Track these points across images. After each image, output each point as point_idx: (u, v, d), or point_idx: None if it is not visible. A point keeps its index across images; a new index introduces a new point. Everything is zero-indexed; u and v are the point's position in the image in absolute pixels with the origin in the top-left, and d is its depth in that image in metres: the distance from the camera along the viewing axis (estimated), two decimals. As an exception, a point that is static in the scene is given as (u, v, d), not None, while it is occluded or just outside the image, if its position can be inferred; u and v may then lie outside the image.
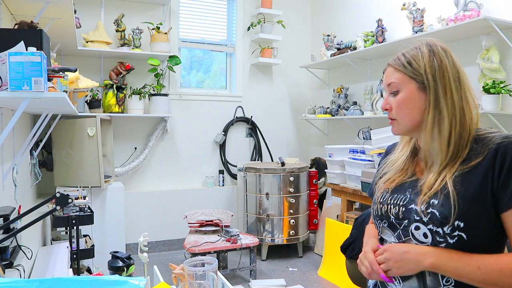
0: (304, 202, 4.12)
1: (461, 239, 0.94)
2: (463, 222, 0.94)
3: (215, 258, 1.18)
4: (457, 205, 0.94)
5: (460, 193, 0.95)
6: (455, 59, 1.04)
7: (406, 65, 1.05)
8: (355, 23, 4.26)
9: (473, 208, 0.94)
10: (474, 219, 0.94)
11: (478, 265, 0.92)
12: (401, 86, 1.06)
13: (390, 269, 1.01)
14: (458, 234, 0.94)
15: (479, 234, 0.95)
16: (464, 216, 0.94)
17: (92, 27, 3.93)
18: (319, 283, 3.45)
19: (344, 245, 2.26)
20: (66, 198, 1.56)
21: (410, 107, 1.05)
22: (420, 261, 0.97)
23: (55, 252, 2.34)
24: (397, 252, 1.01)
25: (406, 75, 1.05)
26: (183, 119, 4.49)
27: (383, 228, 1.11)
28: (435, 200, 0.98)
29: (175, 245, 4.35)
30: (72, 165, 3.48)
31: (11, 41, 1.68)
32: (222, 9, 4.71)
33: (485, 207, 0.94)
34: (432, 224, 0.97)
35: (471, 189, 0.95)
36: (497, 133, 1.00)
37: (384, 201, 1.10)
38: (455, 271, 0.93)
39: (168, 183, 4.44)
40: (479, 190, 0.95)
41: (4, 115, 2.19)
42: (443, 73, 1.02)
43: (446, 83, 1.02)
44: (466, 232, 0.94)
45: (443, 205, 0.96)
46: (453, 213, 0.94)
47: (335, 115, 4.22)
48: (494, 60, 2.72)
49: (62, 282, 0.89)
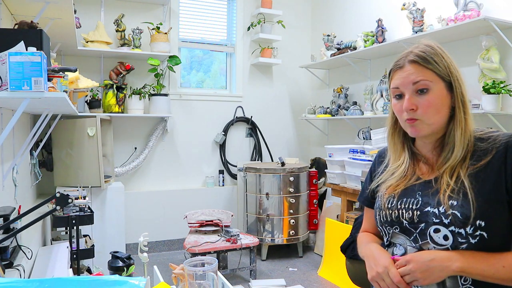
0: (304, 202, 4.11)
1: (483, 239, 0.95)
2: (484, 221, 0.94)
3: (215, 258, 1.18)
4: (475, 204, 0.95)
5: (476, 191, 0.96)
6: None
7: (434, 63, 1.02)
8: (355, 23, 4.26)
9: (491, 207, 0.95)
10: (493, 217, 0.95)
11: (503, 264, 0.93)
12: (432, 85, 1.02)
13: (417, 280, 0.97)
14: (480, 234, 0.95)
15: (499, 232, 0.96)
16: (484, 214, 0.95)
17: (92, 27, 3.93)
18: (319, 283, 3.45)
19: (344, 245, 2.27)
20: (66, 198, 1.56)
21: (440, 107, 1.02)
22: (447, 266, 0.95)
23: (55, 252, 2.34)
24: (423, 261, 0.97)
25: (435, 73, 1.02)
26: (183, 119, 4.49)
27: (394, 234, 1.09)
28: (453, 201, 0.98)
29: (175, 245, 4.36)
30: (72, 165, 3.48)
31: (11, 41, 1.68)
32: (222, 9, 4.71)
33: (501, 205, 0.95)
34: (454, 226, 0.96)
35: (487, 188, 0.96)
36: (499, 133, 1.02)
37: (393, 206, 1.08)
38: (481, 272, 0.94)
39: (168, 183, 4.44)
40: (494, 188, 0.96)
41: (4, 115, 2.19)
42: (457, 74, 1.04)
43: (461, 83, 1.04)
44: (487, 231, 0.95)
45: (463, 205, 0.96)
46: (473, 212, 0.94)
47: (335, 115, 4.22)
48: (494, 60, 2.72)
49: (62, 282, 0.89)
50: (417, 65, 1.02)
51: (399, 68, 1.06)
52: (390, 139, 1.18)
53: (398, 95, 1.07)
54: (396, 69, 1.08)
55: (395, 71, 1.08)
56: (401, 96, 1.06)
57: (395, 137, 1.16)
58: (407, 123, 1.05)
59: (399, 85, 1.05)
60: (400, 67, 1.06)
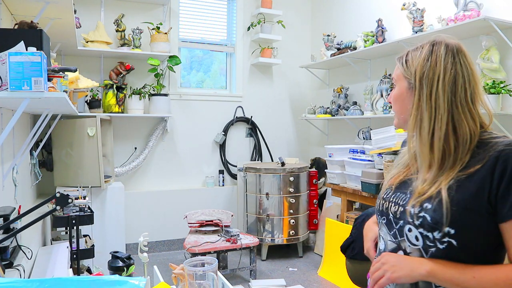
0: (304, 202, 4.11)
1: (451, 245, 0.93)
2: (454, 229, 0.92)
3: (215, 258, 1.18)
4: (449, 212, 0.92)
5: (455, 200, 0.93)
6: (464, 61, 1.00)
7: (403, 64, 1.06)
8: (355, 23, 4.26)
9: (466, 216, 0.92)
10: (466, 226, 0.92)
11: (474, 275, 0.90)
12: (397, 83, 1.08)
13: (384, 275, 0.98)
14: (448, 240, 0.93)
15: (471, 242, 0.93)
16: (456, 223, 0.92)
17: (92, 27, 3.93)
18: (319, 283, 3.45)
19: (344, 245, 2.26)
20: (66, 198, 1.56)
21: (400, 104, 1.07)
22: (416, 267, 0.95)
23: (55, 252, 2.34)
24: (394, 256, 1.01)
25: (401, 73, 1.06)
26: (183, 119, 4.49)
27: (381, 225, 1.11)
28: (428, 204, 0.96)
29: (175, 245, 4.35)
30: (72, 165, 3.48)
31: (11, 41, 1.68)
32: (222, 9, 4.71)
33: (479, 216, 0.92)
34: (422, 228, 0.96)
35: (466, 196, 0.93)
36: (501, 139, 0.95)
37: (387, 197, 1.10)
38: (451, 279, 0.92)
39: (168, 183, 4.44)
40: (474, 198, 0.92)
41: (4, 115, 2.19)
42: (432, 76, 0.98)
43: (433, 85, 0.98)
44: (456, 239, 0.93)
45: (435, 210, 0.95)
46: (445, 220, 0.92)
47: (335, 115, 4.22)
48: (494, 60, 2.72)
49: (62, 282, 0.89)
50: (397, 63, 1.10)
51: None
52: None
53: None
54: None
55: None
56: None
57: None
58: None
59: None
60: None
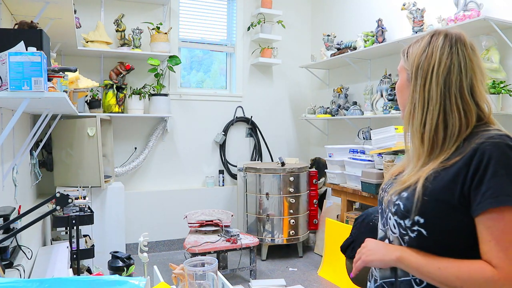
0: (304, 202, 4.11)
1: (421, 235, 0.94)
2: (424, 219, 0.93)
3: (215, 258, 1.18)
4: (420, 201, 0.93)
5: (428, 189, 0.93)
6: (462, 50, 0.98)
7: (404, 55, 1.06)
8: (355, 23, 4.26)
9: (437, 207, 0.92)
10: (436, 217, 0.92)
11: (439, 266, 0.90)
12: (399, 73, 1.09)
13: (361, 257, 1.04)
14: (417, 229, 0.94)
15: (442, 233, 0.92)
16: (425, 212, 0.93)
17: (92, 27, 3.93)
18: (319, 283, 3.45)
19: (344, 245, 2.26)
20: (66, 198, 1.56)
21: (401, 96, 1.08)
22: (389, 252, 0.98)
23: (55, 252, 2.34)
24: (374, 241, 1.06)
25: (402, 65, 1.07)
26: (183, 119, 4.49)
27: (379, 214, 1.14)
28: (405, 192, 0.98)
29: (175, 245, 4.36)
30: (72, 165, 3.48)
31: (11, 41, 1.68)
32: (222, 9, 4.71)
33: (450, 207, 0.91)
34: (396, 216, 0.99)
35: (439, 187, 0.92)
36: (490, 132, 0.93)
37: (385, 188, 1.12)
38: (417, 267, 0.93)
39: (168, 183, 4.44)
40: (447, 190, 0.91)
41: (4, 115, 2.19)
42: (427, 67, 0.98)
43: (427, 77, 0.98)
44: (426, 229, 0.93)
45: (408, 198, 0.96)
46: (414, 208, 0.93)
47: (335, 115, 4.22)
48: (494, 60, 2.72)
49: (62, 282, 0.89)
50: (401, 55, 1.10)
51: None
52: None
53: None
54: None
55: None
56: None
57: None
58: None
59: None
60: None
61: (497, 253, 0.85)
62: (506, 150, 0.88)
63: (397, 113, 3.35)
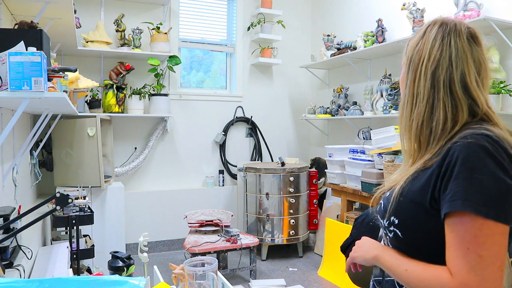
0: (304, 202, 4.11)
1: (397, 236, 0.93)
2: (398, 219, 0.92)
3: (215, 258, 1.18)
4: (395, 201, 0.92)
5: (405, 190, 0.92)
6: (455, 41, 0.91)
7: (406, 47, 1.02)
8: (355, 23, 4.26)
9: (411, 208, 0.90)
10: (409, 219, 0.90)
11: (407, 268, 0.89)
12: (402, 67, 1.04)
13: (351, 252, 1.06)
14: (393, 230, 0.94)
15: (416, 235, 0.90)
16: (399, 213, 0.92)
17: (92, 27, 3.93)
18: (319, 283, 3.45)
19: (344, 245, 2.26)
20: (66, 198, 1.56)
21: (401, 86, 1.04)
22: (370, 250, 1.00)
23: (55, 252, 2.34)
24: (365, 239, 1.06)
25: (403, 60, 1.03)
26: (183, 119, 4.49)
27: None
28: (388, 193, 0.99)
29: (175, 245, 4.36)
30: (72, 165, 3.48)
31: (11, 41, 1.68)
32: (222, 9, 4.71)
33: (423, 210, 0.88)
34: (379, 216, 1.00)
35: (414, 189, 0.90)
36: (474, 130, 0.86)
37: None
38: (389, 268, 0.93)
39: (168, 183, 4.44)
40: (419, 191, 0.89)
41: (4, 115, 2.19)
42: (418, 60, 0.94)
43: (417, 70, 0.94)
44: (401, 230, 0.92)
45: (388, 198, 0.97)
46: (389, 208, 0.93)
47: (335, 115, 4.22)
48: (494, 60, 2.72)
49: (62, 282, 0.89)
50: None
51: None
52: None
53: None
54: None
55: None
56: None
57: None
58: None
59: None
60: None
61: (454, 259, 0.81)
62: (476, 151, 0.81)
63: (397, 113, 3.33)
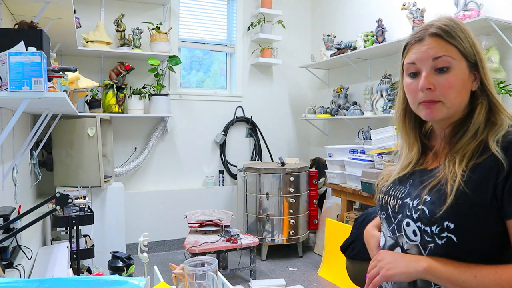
0: (304, 202, 4.11)
1: (451, 241, 0.86)
2: (454, 223, 0.85)
3: (215, 258, 1.18)
4: (450, 205, 0.85)
5: (458, 192, 0.85)
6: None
7: (458, 39, 0.91)
8: (355, 23, 4.26)
9: (469, 210, 0.85)
10: (467, 221, 0.85)
11: (475, 274, 0.83)
12: (455, 63, 0.90)
13: (380, 272, 0.92)
14: (447, 236, 0.86)
15: (473, 238, 0.86)
16: (456, 216, 0.85)
17: (92, 27, 3.93)
18: (319, 283, 3.45)
19: (344, 245, 2.27)
20: (66, 198, 1.56)
21: (461, 89, 0.91)
22: (413, 264, 0.88)
23: (55, 252, 2.34)
24: (391, 253, 0.95)
25: (459, 51, 0.91)
26: (183, 119, 4.49)
27: (382, 220, 1.05)
28: (428, 196, 0.90)
29: (175, 245, 4.35)
30: (72, 165, 3.48)
31: (11, 41, 1.68)
32: (222, 9, 4.71)
33: (484, 211, 0.84)
34: (420, 222, 0.90)
35: (470, 189, 0.85)
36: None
37: (387, 191, 1.04)
38: (450, 277, 0.85)
39: (168, 183, 4.44)
40: (478, 191, 0.84)
41: (4, 115, 2.19)
42: (483, 55, 0.94)
43: (486, 66, 0.93)
44: (457, 234, 0.86)
45: (434, 202, 0.88)
46: (442, 212, 0.86)
47: (335, 115, 4.22)
48: (494, 60, 2.72)
49: (62, 282, 0.89)
50: (440, 39, 0.91)
51: (417, 41, 0.93)
52: (401, 128, 1.05)
53: (413, 73, 0.94)
54: (414, 42, 0.95)
55: (413, 44, 0.95)
56: (416, 75, 0.94)
57: (407, 126, 1.04)
58: (422, 105, 0.93)
59: (416, 60, 0.93)
60: (419, 40, 0.93)
61: None
62: None
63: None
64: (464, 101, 0.93)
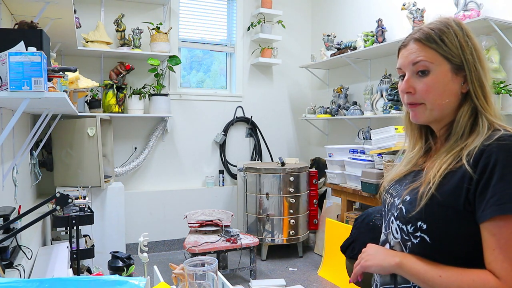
0: (304, 202, 4.11)
1: (424, 242, 0.90)
2: (426, 224, 0.89)
3: (215, 258, 1.18)
4: (422, 206, 0.89)
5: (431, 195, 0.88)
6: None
7: (439, 42, 0.92)
8: (355, 23, 4.26)
9: (442, 212, 0.87)
10: (439, 223, 0.88)
11: (440, 274, 0.86)
12: (433, 66, 0.92)
13: (360, 262, 1.00)
14: (420, 235, 0.90)
15: (447, 240, 0.88)
16: (428, 218, 0.88)
17: (92, 27, 3.93)
18: (319, 283, 3.45)
19: (344, 245, 2.26)
20: (66, 198, 1.56)
21: (442, 91, 0.92)
22: (388, 258, 0.94)
23: (55, 252, 2.34)
24: (375, 246, 1.02)
25: (438, 54, 0.92)
26: (183, 119, 4.49)
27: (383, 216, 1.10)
28: (408, 196, 0.94)
29: (175, 245, 4.35)
30: (72, 165, 3.48)
31: (11, 41, 1.68)
32: (222, 9, 4.71)
33: (455, 213, 0.86)
34: (399, 220, 0.95)
35: (445, 191, 0.87)
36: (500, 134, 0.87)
37: (388, 189, 1.07)
38: (417, 274, 0.89)
39: (168, 183, 4.44)
40: (451, 194, 0.87)
41: (4, 115, 2.19)
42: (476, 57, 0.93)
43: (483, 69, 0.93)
44: (429, 235, 0.89)
45: (411, 202, 0.92)
46: (415, 213, 0.90)
47: (335, 115, 4.22)
48: (494, 60, 2.72)
49: (62, 282, 0.89)
50: (420, 44, 0.94)
51: (403, 46, 0.99)
52: (406, 124, 1.08)
53: (401, 76, 0.99)
54: (401, 47, 1.00)
55: (400, 49, 1.00)
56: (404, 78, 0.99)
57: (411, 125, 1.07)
58: (408, 107, 0.98)
59: (401, 65, 0.98)
60: (404, 46, 0.98)
61: (501, 263, 0.81)
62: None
63: (397, 113, 3.35)
64: (451, 104, 0.94)
